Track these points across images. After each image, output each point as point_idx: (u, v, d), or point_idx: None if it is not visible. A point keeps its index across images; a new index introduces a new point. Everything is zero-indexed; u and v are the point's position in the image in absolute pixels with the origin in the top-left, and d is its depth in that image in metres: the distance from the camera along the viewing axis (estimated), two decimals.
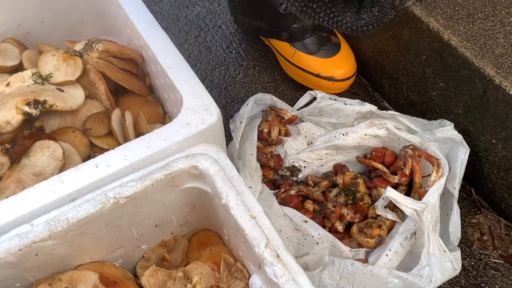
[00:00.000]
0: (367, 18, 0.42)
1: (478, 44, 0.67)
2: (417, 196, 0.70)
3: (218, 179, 0.50)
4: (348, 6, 0.43)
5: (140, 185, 0.50)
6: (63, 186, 0.52)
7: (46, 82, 0.71)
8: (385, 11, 0.41)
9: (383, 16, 0.42)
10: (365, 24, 0.42)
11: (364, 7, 0.42)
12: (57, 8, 0.83)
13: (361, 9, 0.42)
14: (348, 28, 0.44)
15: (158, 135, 0.56)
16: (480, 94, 0.67)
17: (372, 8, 0.41)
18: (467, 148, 0.69)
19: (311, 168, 0.75)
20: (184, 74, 0.62)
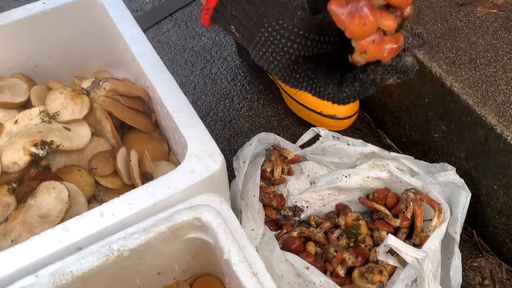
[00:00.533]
0: (348, 91, 0.42)
1: (480, 91, 0.68)
2: (419, 240, 0.70)
3: (220, 232, 0.51)
4: (330, 78, 0.44)
5: (144, 238, 0.51)
6: (68, 235, 0.53)
7: (53, 120, 0.72)
8: (367, 86, 0.42)
9: (365, 91, 0.42)
10: (346, 97, 0.43)
11: (346, 81, 0.42)
12: (65, 42, 0.85)
13: (343, 82, 0.43)
14: (330, 99, 0.45)
15: (162, 182, 0.57)
16: (482, 141, 0.68)
17: (354, 83, 0.42)
18: (468, 192, 0.70)
19: (314, 208, 0.76)
20: (189, 119, 0.63)
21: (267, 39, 0.42)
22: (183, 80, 0.98)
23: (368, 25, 0.37)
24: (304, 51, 0.42)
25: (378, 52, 0.39)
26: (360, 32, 0.37)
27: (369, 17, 0.36)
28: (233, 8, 0.44)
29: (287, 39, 0.41)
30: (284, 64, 0.43)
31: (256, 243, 0.66)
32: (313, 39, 0.41)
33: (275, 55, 0.42)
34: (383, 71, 0.41)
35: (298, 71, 0.44)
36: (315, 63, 0.44)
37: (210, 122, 0.92)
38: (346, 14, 0.37)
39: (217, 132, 0.91)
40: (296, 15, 0.42)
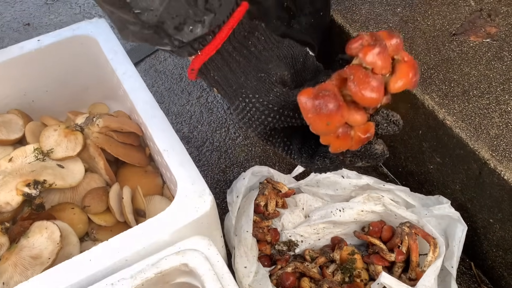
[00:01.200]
0: (320, 165, 0.43)
1: (473, 125, 0.68)
2: (414, 274, 0.69)
3: (207, 279, 0.50)
4: (305, 148, 0.44)
5: (131, 284, 0.50)
6: (57, 281, 0.53)
7: (47, 157, 0.73)
8: (336, 165, 0.42)
9: (335, 168, 0.43)
10: (317, 169, 0.44)
11: (318, 154, 0.43)
12: (61, 77, 0.86)
13: (316, 155, 0.43)
14: (303, 167, 0.46)
15: (152, 225, 0.57)
16: (476, 174, 0.67)
17: (325, 159, 0.42)
18: (464, 225, 0.69)
19: (309, 242, 0.75)
20: (179, 158, 0.63)
21: (244, 108, 0.43)
22: (180, 110, 0.99)
23: (331, 125, 0.36)
24: (278, 124, 0.43)
25: (343, 145, 0.38)
26: (323, 130, 0.37)
27: (334, 117, 0.36)
28: (216, 73, 0.46)
29: (261, 113, 0.42)
30: (260, 131, 0.44)
31: (249, 281, 0.66)
32: (287, 115, 0.42)
33: (252, 123, 0.44)
34: (352, 155, 0.41)
35: (275, 137, 0.46)
36: (291, 132, 0.45)
37: (206, 152, 0.92)
38: (312, 110, 0.36)
39: (212, 162, 0.91)
40: (272, 91, 0.43)
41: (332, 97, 0.36)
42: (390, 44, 0.37)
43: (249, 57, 0.45)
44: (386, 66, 0.36)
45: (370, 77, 0.36)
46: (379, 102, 0.36)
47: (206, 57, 0.45)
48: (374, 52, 0.36)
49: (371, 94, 0.35)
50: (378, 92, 0.36)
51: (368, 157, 0.41)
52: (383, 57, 0.36)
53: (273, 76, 0.44)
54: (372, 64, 0.36)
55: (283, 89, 0.43)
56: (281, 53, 0.46)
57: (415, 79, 0.37)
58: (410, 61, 0.37)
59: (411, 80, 0.37)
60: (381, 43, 0.37)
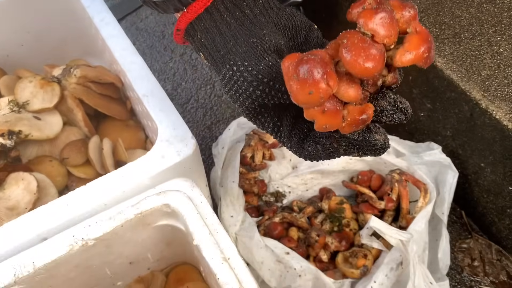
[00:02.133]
0: (310, 151, 0.38)
1: (465, 66, 0.65)
2: (405, 222, 0.68)
3: (190, 218, 0.48)
4: (296, 131, 0.39)
5: (109, 226, 0.48)
6: (33, 226, 0.50)
7: (23, 109, 0.69)
8: (329, 153, 0.37)
9: (327, 156, 0.38)
10: (308, 155, 0.39)
11: (310, 139, 0.38)
12: (36, 30, 0.82)
13: (307, 140, 0.38)
14: (293, 152, 0.40)
15: (131, 169, 0.54)
16: (467, 117, 0.65)
17: (317, 145, 0.37)
18: (455, 171, 0.68)
19: (296, 193, 0.74)
20: (160, 103, 0.61)
21: (231, 78, 0.38)
22: (162, 67, 0.96)
23: (314, 94, 0.30)
24: (268, 99, 0.38)
25: (330, 123, 0.32)
26: (305, 101, 0.31)
27: (317, 85, 0.30)
28: (203, 35, 0.41)
29: (249, 84, 0.37)
30: (248, 106, 0.39)
31: (236, 229, 0.64)
32: (278, 89, 0.37)
33: (239, 95, 0.38)
34: (347, 144, 0.35)
35: (264, 115, 0.40)
36: (283, 111, 0.40)
37: (191, 109, 0.89)
38: (293, 75, 0.31)
39: (198, 119, 0.88)
40: (264, 59, 0.37)
41: (318, 61, 0.31)
42: (401, 14, 0.32)
43: (242, 20, 0.40)
44: (390, 35, 0.31)
45: (368, 44, 0.30)
46: (374, 73, 0.31)
47: (194, 15, 0.40)
48: (377, 17, 0.31)
49: (366, 63, 0.30)
50: (375, 62, 0.30)
51: (366, 147, 0.35)
52: (387, 24, 0.31)
53: (267, 43, 0.39)
54: (373, 30, 0.30)
55: (276, 59, 0.38)
56: (280, 21, 0.41)
57: (427, 55, 0.31)
58: (422, 32, 0.32)
59: (422, 54, 0.31)
60: (386, 8, 0.31)
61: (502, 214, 0.67)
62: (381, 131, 0.36)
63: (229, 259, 0.46)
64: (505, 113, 0.60)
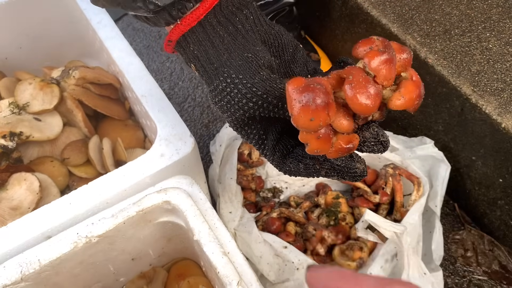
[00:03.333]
0: (292, 168, 0.40)
1: (455, 62, 0.67)
2: (399, 215, 0.70)
3: (190, 214, 0.50)
4: (279, 146, 0.41)
5: (112, 223, 0.50)
6: (37, 224, 0.52)
7: (23, 111, 0.71)
8: (310, 172, 0.39)
9: (307, 175, 0.40)
10: (288, 172, 0.41)
11: (293, 156, 0.40)
12: (34, 33, 0.83)
13: (290, 157, 0.40)
14: (274, 166, 0.42)
15: (132, 168, 0.56)
16: (458, 112, 0.67)
17: (299, 163, 0.39)
18: (448, 165, 0.69)
19: (293, 189, 0.75)
20: (158, 103, 0.62)
21: (224, 89, 0.39)
22: (159, 67, 0.97)
23: (315, 121, 0.32)
24: (260, 111, 0.39)
25: (321, 148, 0.34)
26: (305, 126, 0.33)
27: (319, 114, 0.32)
28: (196, 47, 0.42)
29: (243, 96, 0.38)
30: (237, 117, 0.40)
31: (234, 225, 0.65)
32: (270, 102, 0.38)
33: (230, 106, 0.40)
34: (329, 167, 0.37)
35: (251, 127, 0.41)
36: (270, 125, 0.41)
37: (188, 108, 0.91)
38: (298, 100, 0.32)
39: (195, 118, 0.89)
40: (258, 74, 0.39)
41: (323, 92, 0.32)
42: (399, 57, 0.34)
43: (235, 35, 0.41)
44: (390, 78, 0.33)
45: (370, 83, 0.32)
46: (371, 112, 0.32)
47: (187, 27, 0.41)
48: (381, 59, 0.33)
49: (366, 101, 0.32)
50: (374, 101, 0.32)
51: (346, 173, 0.37)
52: (389, 67, 0.33)
53: (261, 59, 0.40)
54: (376, 71, 0.33)
55: (270, 74, 0.39)
56: (268, 38, 0.42)
57: (417, 102, 0.34)
58: (417, 81, 0.34)
59: (414, 100, 0.33)
60: (391, 52, 0.33)
61: (494, 205, 0.69)
62: (362, 160, 0.38)
63: (228, 253, 0.48)
64: (495, 107, 0.62)
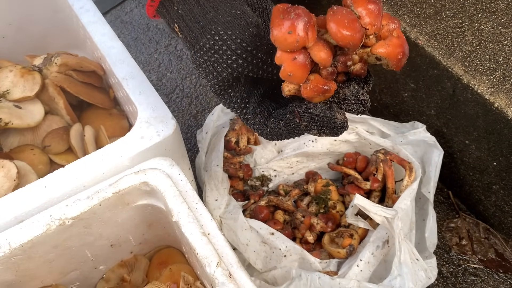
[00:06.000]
0: (273, 128, 0.39)
1: (446, 43, 0.65)
2: (391, 202, 0.67)
3: (169, 195, 0.47)
4: (261, 108, 0.40)
5: (87, 205, 0.47)
6: (10, 209, 0.50)
7: (3, 99, 0.69)
8: (291, 129, 0.39)
9: (288, 133, 0.39)
10: (270, 133, 0.40)
11: (274, 116, 0.39)
12: (18, 22, 0.81)
13: (270, 117, 0.39)
14: (255, 129, 0.41)
15: (111, 150, 0.54)
16: (450, 94, 0.65)
17: (280, 121, 0.39)
18: (441, 150, 0.67)
19: (282, 177, 0.73)
20: (139, 86, 0.60)
21: (212, 47, 0.38)
22: (147, 58, 0.95)
23: (292, 35, 0.32)
24: (248, 69, 0.38)
25: (295, 73, 0.34)
26: (282, 39, 0.33)
27: (297, 28, 0.32)
28: (180, 5, 0.41)
29: (233, 52, 0.38)
30: (223, 78, 0.39)
31: (220, 212, 0.63)
32: (260, 58, 0.38)
33: (217, 65, 0.39)
34: (309, 119, 0.37)
35: (235, 90, 0.40)
36: (253, 88, 0.41)
37: (176, 98, 0.89)
38: (280, 16, 0.33)
39: (183, 108, 0.87)
40: (248, 30, 0.38)
41: (306, 13, 0.33)
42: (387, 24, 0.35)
43: None
44: (374, 24, 0.33)
45: (353, 17, 0.32)
46: (351, 41, 0.32)
47: None
48: (367, 5, 0.33)
49: (347, 30, 0.32)
50: (355, 32, 0.32)
51: (326, 125, 0.37)
52: (374, 14, 0.33)
53: (250, 17, 0.39)
54: (360, 13, 0.33)
55: (260, 32, 0.39)
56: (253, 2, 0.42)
57: (400, 57, 0.34)
58: (402, 39, 0.35)
59: (397, 54, 0.34)
60: (379, 3, 0.34)
61: (488, 191, 0.67)
62: (342, 111, 0.38)
63: (209, 234, 0.46)
64: (487, 87, 0.60)
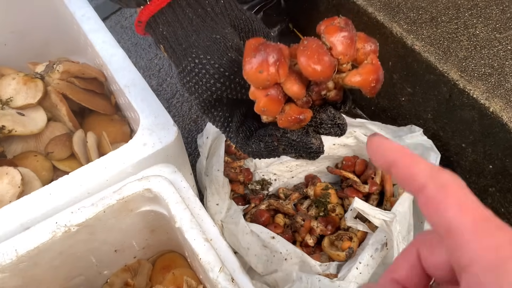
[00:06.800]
0: (254, 148, 0.41)
1: (442, 48, 0.66)
2: (389, 205, 0.68)
3: (171, 201, 0.49)
4: (243, 128, 0.42)
5: (92, 212, 0.49)
6: (16, 216, 0.51)
7: (6, 106, 0.70)
8: (269, 150, 0.40)
9: (268, 154, 0.40)
10: (251, 152, 0.41)
11: (255, 137, 0.41)
12: (20, 30, 0.82)
13: (253, 138, 0.41)
14: (238, 147, 0.43)
15: (114, 157, 0.55)
16: (446, 98, 0.66)
17: (260, 142, 0.40)
18: (437, 153, 0.68)
19: (282, 181, 0.74)
20: (141, 93, 0.61)
21: (192, 70, 0.40)
22: (147, 64, 0.96)
23: (263, 75, 0.32)
24: (227, 92, 0.40)
25: (269, 108, 0.34)
26: (253, 78, 0.33)
27: (268, 67, 0.32)
28: (165, 28, 0.42)
29: (211, 76, 0.39)
30: (204, 99, 0.41)
31: (221, 217, 0.64)
32: (238, 83, 0.39)
33: (198, 87, 0.40)
34: (286, 144, 0.38)
35: (218, 109, 0.42)
36: (235, 108, 0.42)
37: (176, 103, 0.90)
38: (252, 52, 0.33)
39: (183, 113, 0.88)
40: (226, 55, 0.40)
41: (277, 50, 0.33)
42: (363, 46, 0.34)
43: (204, 17, 0.42)
44: (346, 54, 0.33)
45: (323, 51, 0.32)
46: (321, 76, 0.32)
47: (156, 8, 0.42)
48: (339, 34, 0.33)
49: (316, 65, 0.31)
50: (325, 67, 0.32)
51: (302, 149, 0.38)
52: (346, 44, 0.33)
53: (229, 41, 0.40)
54: (332, 44, 0.33)
55: (238, 56, 0.40)
56: (239, 23, 0.43)
57: (374, 85, 0.34)
58: (377, 66, 0.34)
59: (370, 81, 0.33)
60: (351, 31, 0.33)
61: (485, 193, 0.68)
62: (318, 137, 0.38)
63: (211, 240, 0.47)
64: (482, 92, 0.61)
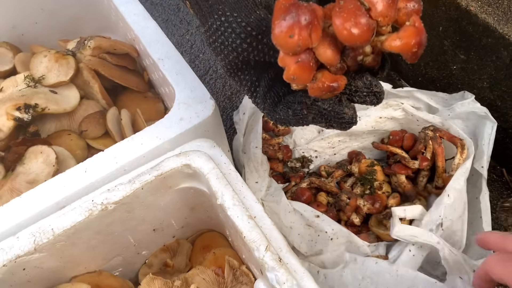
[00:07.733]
0: (282, 115, 0.38)
1: (501, 8, 0.60)
2: (441, 182, 0.63)
3: (212, 177, 0.45)
4: (271, 93, 0.38)
5: (129, 189, 0.46)
6: (51, 194, 0.49)
7: (39, 84, 0.68)
8: (298, 119, 0.37)
9: (296, 122, 0.37)
10: (279, 119, 0.39)
11: (283, 104, 0.38)
12: (50, 7, 0.80)
13: (279, 104, 0.38)
14: (265, 114, 0.40)
15: (150, 133, 0.52)
16: (506, 63, 0.60)
17: (289, 109, 0.37)
18: (494, 122, 0.62)
19: (324, 158, 0.70)
20: (176, 66, 0.58)
21: (218, 28, 0.37)
22: (179, 40, 0.93)
23: (294, 39, 0.29)
24: (254, 54, 0.36)
25: (299, 75, 0.31)
26: (283, 43, 0.30)
27: (299, 31, 0.29)
28: None
29: (237, 36, 0.36)
30: (231, 60, 0.37)
31: (261, 195, 0.61)
32: (265, 43, 0.36)
33: (224, 48, 0.37)
34: (316, 112, 0.35)
35: (245, 72, 0.39)
36: (263, 71, 0.38)
37: (210, 80, 0.87)
38: (282, 13, 0.30)
39: (217, 90, 0.85)
40: (255, 13, 0.36)
41: (309, 10, 0.30)
42: (405, 5, 0.31)
43: None
44: (386, 15, 0.30)
45: (361, 12, 0.29)
46: (358, 41, 0.29)
47: None
48: None
49: (353, 28, 0.28)
50: (362, 31, 0.29)
51: (334, 119, 0.35)
52: (387, 4, 0.29)
53: None
54: (371, 3, 0.29)
55: (267, 14, 0.37)
56: None
57: (416, 50, 0.30)
58: (420, 28, 0.31)
59: (412, 46, 0.30)
60: None
61: None
62: (352, 106, 0.36)
63: (255, 218, 0.44)
64: None
